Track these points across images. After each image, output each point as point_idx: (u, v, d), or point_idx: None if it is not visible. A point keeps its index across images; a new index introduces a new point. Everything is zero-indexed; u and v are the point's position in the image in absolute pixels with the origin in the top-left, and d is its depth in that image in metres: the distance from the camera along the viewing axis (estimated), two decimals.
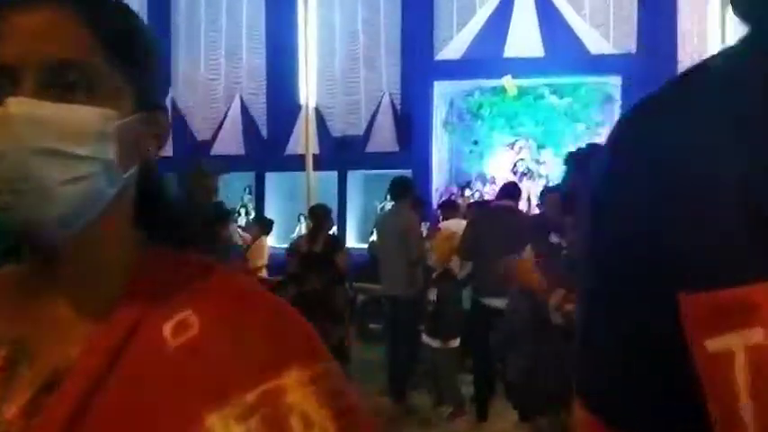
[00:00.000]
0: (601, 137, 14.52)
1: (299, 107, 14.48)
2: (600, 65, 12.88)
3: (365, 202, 14.65)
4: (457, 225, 7.53)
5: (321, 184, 14.15)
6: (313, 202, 10.26)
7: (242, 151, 15.53)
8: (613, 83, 13.21)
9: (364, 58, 16.36)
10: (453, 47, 14.08)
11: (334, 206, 14.20)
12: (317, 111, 15.85)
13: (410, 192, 6.38)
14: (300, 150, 14.33)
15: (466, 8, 15.70)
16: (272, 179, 14.55)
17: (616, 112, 13.52)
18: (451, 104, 14.67)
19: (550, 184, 13.70)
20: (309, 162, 9.85)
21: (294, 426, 0.62)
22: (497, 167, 14.52)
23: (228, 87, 17.10)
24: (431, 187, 13.41)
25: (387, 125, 15.02)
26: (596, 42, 13.51)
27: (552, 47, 13.21)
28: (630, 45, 14.94)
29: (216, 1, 17.35)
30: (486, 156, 14.69)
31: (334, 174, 14.11)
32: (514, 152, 14.44)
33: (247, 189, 15.10)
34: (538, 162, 14.16)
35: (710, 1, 14.20)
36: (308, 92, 10.08)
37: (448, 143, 14.60)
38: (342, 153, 15.07)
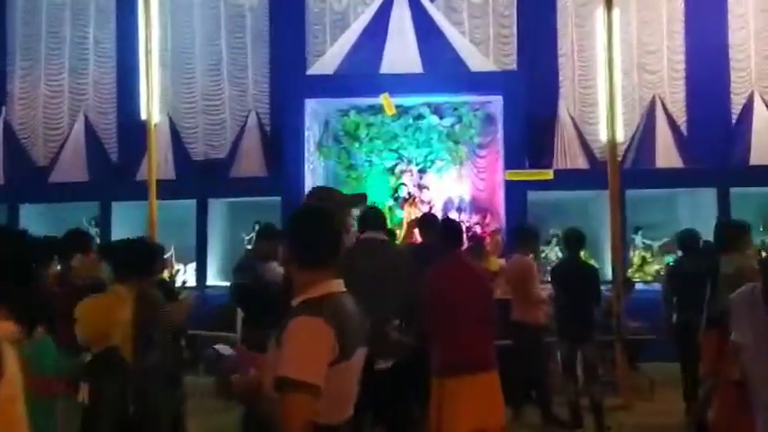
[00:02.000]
0: (483, 159, 14.13)
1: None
2: (481, 83, 12.41)
3: (230, 233, 13.39)
4: None
5: (179, 214, 12.79)
6: (157, 236, 9.00)
7: (86, 177, 13.89)
8: (495, 102, 12.77)
9: (229, 74, 15.19)
10: (326, 61, 13.25)
11: (192, 239, 12.93)
12: (175, 132, 14.54)
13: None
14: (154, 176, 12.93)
15: (339, 21, 14.97)
16: (120, 209, 12.99)
17: (499, 133, 13.10)
18: (326, 125, 13.78)
19: (433, 210, 13.19)
20: (152, 189, 8.60)
21: None
22: (377, 193, 13.73)
23: (72, 105, 15.39)
24: None
25: (253, 147, 13.90)
26: (477, 60, 13.06)
27: (431, 64, 12.65)
28: (511, 64, 14.68)
29: (58, 7, 15.63)
30: (365, 180, 13.88)
31: (194, 202, 12.78)
32: (395, 176, 13.71)
33: (92, 221, 13.43)
34: (420, 187, 13.48)
35: (594, 21, 14.19)
36: (151, 110, 8.84)
37: (322, 167, 13.65)
38: (202, 179, 13.77)
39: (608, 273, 12.56)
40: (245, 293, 6.51)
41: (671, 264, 8.60)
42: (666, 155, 12.93)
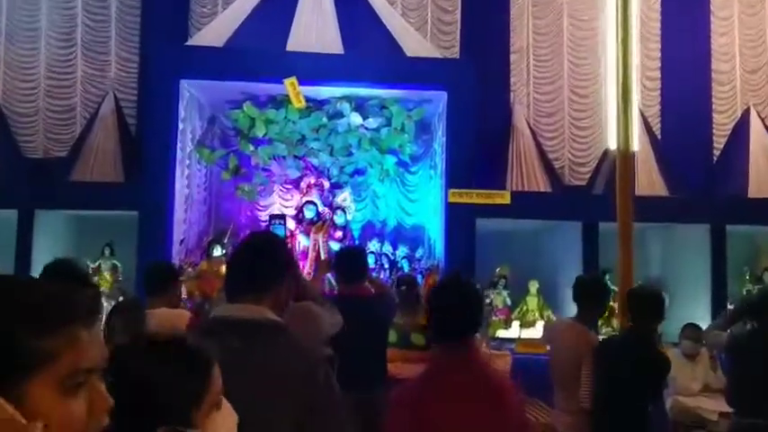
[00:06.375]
0: (417, 175, 11.52)
1: None
2: (419, 73, 9.81)
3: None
4: (168, 317, 3.93)
5: None
6: None
7: None
8: (436, 101, 10.20)
9: (84, 46, 11.94)
10: (214, 32, 10.32)
11: (9, 265, 9.61)
12: (3, 119, 11.19)
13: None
14: None
15: None
16: None
17: (437, 142, 10.54)
18: (211, 121, 10.83)
19: (348, 243, 10.45)
20: None
21: None
22: (276, 213, 10.87)
23: None
24: (171, 240, 9.31)
25: (107, 142, 10.73)
26: (415, 43, 10.47)
27: (355, 44, 10.01)
28: (453, 53, 12.21)
29: None
30: (260, 195, 11.00)
31: (14, 213, 9.51)
32: (300, 192, 10.90)
33: None
34: (332, 207, 10.69)
35: (557, 9, 11.97)
36: None
37: (202, 175, 10.66)
38: (32, 182, 10.46)
39: None
40: None
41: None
42: (648, 181, 10.71)
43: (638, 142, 10.91)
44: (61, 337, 0.86)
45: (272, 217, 10.36)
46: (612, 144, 10.95)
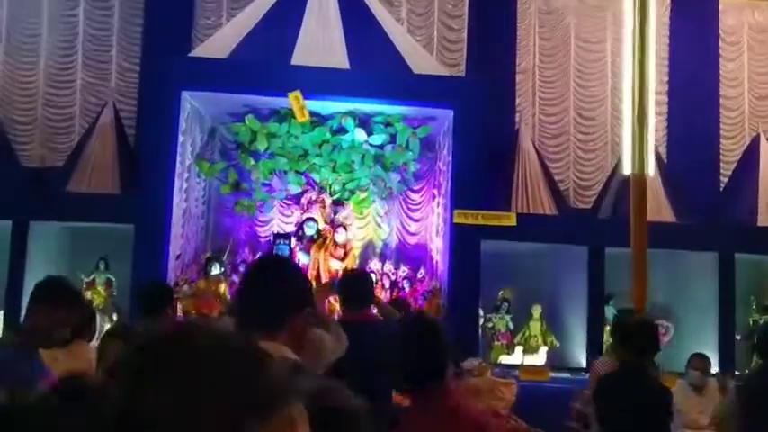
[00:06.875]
0: (420, 194, 11.37)
1: None
2: (426, 90, 9.67)
3: (62, 272, 9.88)
4: None
5: None
6: None
7: None
8: (441, 119, 10.08)
9: (85, 55, 11.79)
10: (217, 44, 10.21)
11: (2, 278, 9.41)
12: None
13: None
14: None
15: None
16: None
17: (442, 161, 10.41)
18: (212, 132, 10.69)
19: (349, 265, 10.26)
20: None
21: None
22: (276, 228, 10.73)
23: None
24: (167, 254, 9.13)
25: (105, 153, 10.56)
26: (422, 61, 10.36)
27: (361, 60, 9.89)
28: (459, 71, 12.09)
29: None
30: (260, 211, 10.84)
31: (8, 224, 9.32)
32: (301, 208, 10.75)
33: None
34: (333, 224, 10.53)
35: (564, 31, 11.88)
36: None
37: (201, 188, 10.50)
38: (28, 192, 10.28)
39: (582, 360, 10.08)
40: None
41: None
42: (655, 206, 10.54)
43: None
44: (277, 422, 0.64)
45: (277, 236, 10.18)
46: (621, 167, 10.87)
